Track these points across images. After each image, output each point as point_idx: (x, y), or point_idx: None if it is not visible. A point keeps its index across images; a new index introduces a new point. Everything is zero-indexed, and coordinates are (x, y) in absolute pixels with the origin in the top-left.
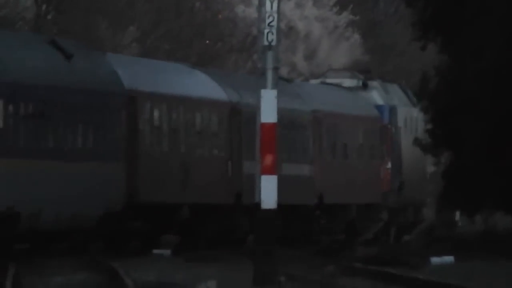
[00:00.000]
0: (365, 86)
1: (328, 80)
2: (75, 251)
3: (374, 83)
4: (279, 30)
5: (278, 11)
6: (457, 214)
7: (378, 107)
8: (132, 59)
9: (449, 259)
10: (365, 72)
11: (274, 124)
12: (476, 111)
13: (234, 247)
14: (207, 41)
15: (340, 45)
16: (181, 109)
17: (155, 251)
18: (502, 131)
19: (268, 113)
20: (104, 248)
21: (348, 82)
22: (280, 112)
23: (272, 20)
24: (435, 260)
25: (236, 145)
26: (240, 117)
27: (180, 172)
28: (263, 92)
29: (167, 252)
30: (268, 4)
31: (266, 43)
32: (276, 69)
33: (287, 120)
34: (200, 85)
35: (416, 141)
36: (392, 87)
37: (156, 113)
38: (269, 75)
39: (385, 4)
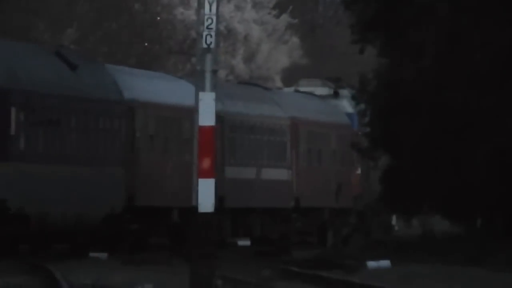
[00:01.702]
0: (336, 95)
1: (301, 89)
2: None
3: (345, 92)
4: (218, 32)
5: (217, 14)
6: (394, 218)
7: (348, 115)
8: (128, 70)
9: (385, 263)
10: (335, 81)
11: (212, 127)
12: (414, 113)
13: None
14: (146, 44)
15: (279, 47)
16: (171, 117)
17: (92, 254)
18: (440, 132)
19: (206, 116)
20: (33, 251)
21: (320, 91)
22: (260, 118)
23: (211, 23)
24: (371, 264)
25: (219, 151)
26: (223, 124)
27: (171, 178)
28: (201, 94)
29: (103, 255)
30: (207, 6)
31: (205, 45)
32: (214, 71)
33: (266, 127)
34: (185, 94)
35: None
36: None
37: (150, 121)
38: (208, 77)
39: (324, 7)
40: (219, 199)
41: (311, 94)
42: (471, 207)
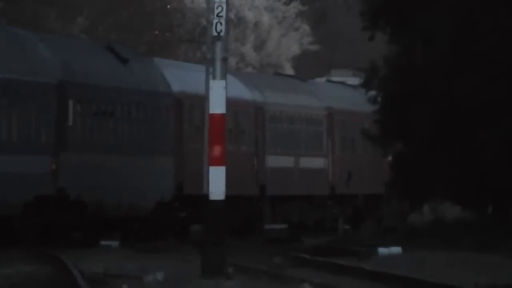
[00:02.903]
0: None
1: (333, 79)
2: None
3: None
4: (228, 20)
5: (227, 1)
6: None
7: None
8: (175, 63)
9: (396, 249)
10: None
11: (222, 115)
12: (425, 99)
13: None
14: (156, 32)
15: (289, 35)
16: None
17: (103, 242)
18: (451, 119)
19: (217, 104)
20: (50, 239)
21: (351, 80)
22: (298, 109)
23: (221, 11)
24: (382, 250)
25: (260, 141)
26: (264, 115)
27: None
28: (212, 82)
29: (115, 243)
30: None
31: (215, 33)
32: (225, 59)
33: (304, 117)
34: (230, 86)
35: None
36: None
37: (196, 113)
38: (218, 65)
39: None
40: (261, 187)
41: (343, 84)
42: (482, 193)
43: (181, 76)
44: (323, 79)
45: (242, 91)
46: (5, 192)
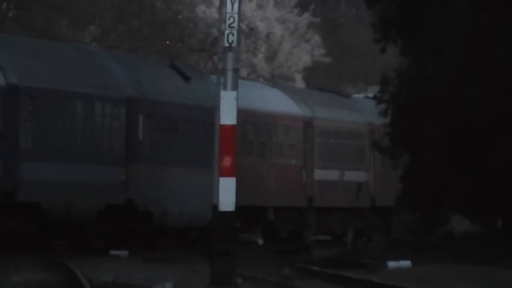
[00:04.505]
0: None
1: (370, 95)
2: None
3: None
4: (239, 31)
5: (239, 12)
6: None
7: None
8: None
9: (406, 263)
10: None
11: (233, 125)
12: (436, 111)
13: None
14: (168, 41)
15: (300, 46)
16: (266, 124)
17: (112, 251)
18: (462, 131)
19: (228, 115)
20: (64, 248)
21: None
22: (343, 124)
23: (233, 21)
24: (391, 263)
25: (309, 155)
26: (313, 130)
27: (267, 179)
28: (223, 93)
29: (124, 252)
30: (229, 5)
31: (226, 44)
32: (236, 70)
33: (349, 132)
34: (279, 101)
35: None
36: None
37: (249, 127)
38: (229, 76)
39: (346, 5)
40: (308, 198)
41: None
42: (492, 207)
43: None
44: (361, 95)
45: (292, 106)
46: (82, 200)
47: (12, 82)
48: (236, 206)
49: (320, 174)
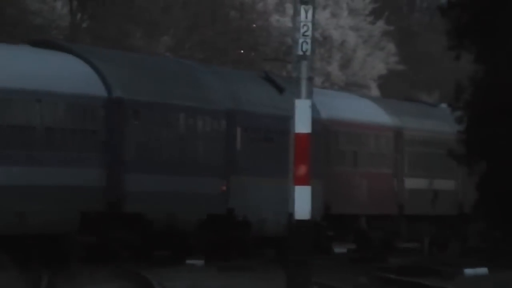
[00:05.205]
0: None
1: None
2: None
3: None
4: (313, 39)
5: (313, 21)
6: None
7: None
8: (322, 91)
9: (482, 270)
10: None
11: (308, 134)
12: (511, 119)
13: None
14: (242, 50)
15: (375, 54)
16: (358, 134)
17: (188, 261)
18: None
19: (302, 123)
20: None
21: None
22: (431, 133)
23: (307, 30)
24: (468, 271)
25: (399, 163)
26: (402, 139)
27: (359, 188)
28: (298, 102)
29: (200, 262)
30: (303, 13)
31: (300, 52)
32: (310, 78)
33: (436, 141)
34: (369, 111)
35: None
36: None
37: (341, 137)
38: (304, 84)
39: (420, 13)
40: (399, 207)
41: None
42: None
43: (327, 103)
44: (445, 105)
45: (382, 117)
46: (185, 210)
47: (117, 95)
48: (329, 215)
49: (410, 183)
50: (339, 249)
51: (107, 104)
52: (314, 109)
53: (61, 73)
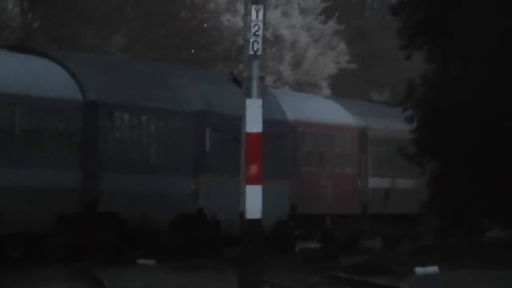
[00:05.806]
0: None
1: None
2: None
3: None
4: (264, 39)
5: (264, 20)
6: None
7: None
8: (288, 92)
9: (433, 269)
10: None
11: (259, 133)
12: (463, 118)
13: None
14: (193, 50)
15: (326, 53)
16: (324, 134)
17: (140, 260)
18: (489, 137)
19: (253, 123)
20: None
21: None
22: (393, 133)
23: (258, 29)
24: (419, 270)
25: (363, 163)
26: (366, 139)
27: (325, 188)
28: (248, 101)
29: (151, 261)
30: (253, 13)
31: (251, 52)
32: (261, 78)
33: (398, 140)
34: (334, 112)
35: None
36: None
37: (308, 139)
38: (255, 84)
39: (371, 12)
40: (363, 206)
41: None
42: None
43: (293, 104)
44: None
45: (347, 117)
46: (156, 210)
47: (92, 98)
48: (296, 215)
49: (373, 182)
50: (304, 248)
51: (82, 106)
52: (280, 110)
53: (38, 77)
